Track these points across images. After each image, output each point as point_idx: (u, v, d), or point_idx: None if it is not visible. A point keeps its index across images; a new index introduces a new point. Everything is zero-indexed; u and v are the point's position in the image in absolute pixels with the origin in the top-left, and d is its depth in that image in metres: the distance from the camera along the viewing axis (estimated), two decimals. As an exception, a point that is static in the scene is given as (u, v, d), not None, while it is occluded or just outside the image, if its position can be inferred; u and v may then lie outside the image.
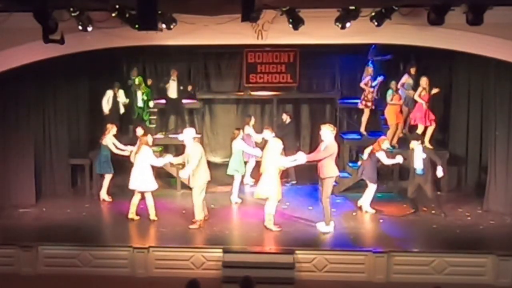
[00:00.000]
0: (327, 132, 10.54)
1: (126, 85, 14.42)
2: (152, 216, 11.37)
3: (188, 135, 10.91)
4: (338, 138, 15.04)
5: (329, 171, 10.48)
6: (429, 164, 11.28)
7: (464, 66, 13.29)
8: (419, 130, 12.73)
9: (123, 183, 12.15)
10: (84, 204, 12.61)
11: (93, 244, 10.33)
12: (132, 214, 11.42)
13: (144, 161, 11.23)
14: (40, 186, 13.08)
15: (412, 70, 13.68)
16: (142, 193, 11.38)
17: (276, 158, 10.53)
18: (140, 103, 14.23)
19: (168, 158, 11.87)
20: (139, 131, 12.42)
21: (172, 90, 14.54)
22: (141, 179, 11.24)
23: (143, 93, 14.18)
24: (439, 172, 11.21)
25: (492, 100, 12.07)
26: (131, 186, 11.35)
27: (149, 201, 11.36)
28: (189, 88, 14.87)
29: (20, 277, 10.04)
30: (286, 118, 14.23)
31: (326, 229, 10.66)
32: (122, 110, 14.12)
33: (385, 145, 11.79)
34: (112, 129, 12.70)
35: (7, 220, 11.59)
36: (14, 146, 12.39)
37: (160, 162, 11.48)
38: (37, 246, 10.19)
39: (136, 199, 11.41)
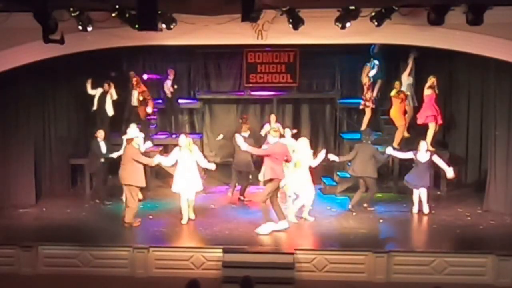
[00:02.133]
0: (271, 136, 10.77)
1: (120, 82, 14.26)
2: (191, 215, 11.34)
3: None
4: (338, 138, 15.16)
5: (270, 173, 10.50)
6: None
7: (464, 66, 13.29)
8: (431, 130, 12.71)
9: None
10: (84, 204, 12.61)
11: (93, 244, 10.32)
12: (185, 220, 11.21)
13: (191, 164, 11.10)
14: (40, 186, 13.07)
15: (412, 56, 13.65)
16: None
17: (307, 156, 11.07)
18: (135, 102, 14.10)
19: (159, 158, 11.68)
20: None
21: (168, 89, 14.55)
22: (187, 182, 11.08)
23: (139, 93, 14.08)
24: None
25: (492, 100, 12.07)
26: (175, 189, 11.20)
27: (191, 201, 11.31)
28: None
29: (20, 277, 10.03)
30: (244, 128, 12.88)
31: (263, 230, 10.60)
32: (111, 112, 13.73)
33: (422, 146, 11.70)
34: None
35: (7, 220, 11.59)
36: (14, 146, 12.38)
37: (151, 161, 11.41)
38: (37, 246, 10.19)
39: (184, 202, 11.19)
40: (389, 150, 11.94)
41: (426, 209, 11.77)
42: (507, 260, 9.66)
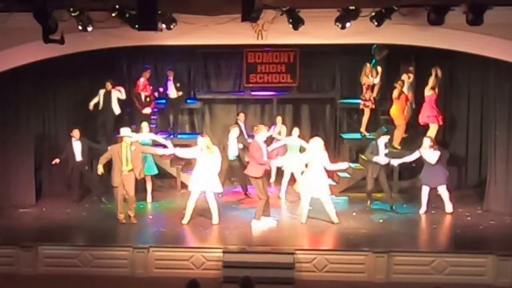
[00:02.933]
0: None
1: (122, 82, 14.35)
2: (215, 220, 11.13)
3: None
4: (338, 138, 15.14)
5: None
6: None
7: (464, 66, 13.29)
8: (432, 131, 12.65)
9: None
10: (84, 204, 12.61)
11: (93, 244, 10.33)
12: (186, 220, 11.11)
13: (211, 164, 10.93)
14: (40, 186, 13.09)
15: (411, 69, 13.67)
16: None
17: (321, 155, 10.91)
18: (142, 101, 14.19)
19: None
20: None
21: (171, 90, 14.58)
22: (206, 182, 10.92)
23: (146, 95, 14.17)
24: None
25: (492, 100, 12.07)
26: (193, 188, 11.03)
27: (213, 203, 11.08)
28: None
29: (20, 277, 10.04)
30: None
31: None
32: (118, 111, 13.84)
33: (426, 142, 11.60)
34: (143, 128, 12.61)
35: (7, 220, 11.60)
36: (14, 146, 12.39)
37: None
38: (37, 246, 10.19)
39: (192, 202, 11.01)
40: (396, 161, 11.92)
41: (449, 208, 11.65)
42: (507, 260, 9.66)
